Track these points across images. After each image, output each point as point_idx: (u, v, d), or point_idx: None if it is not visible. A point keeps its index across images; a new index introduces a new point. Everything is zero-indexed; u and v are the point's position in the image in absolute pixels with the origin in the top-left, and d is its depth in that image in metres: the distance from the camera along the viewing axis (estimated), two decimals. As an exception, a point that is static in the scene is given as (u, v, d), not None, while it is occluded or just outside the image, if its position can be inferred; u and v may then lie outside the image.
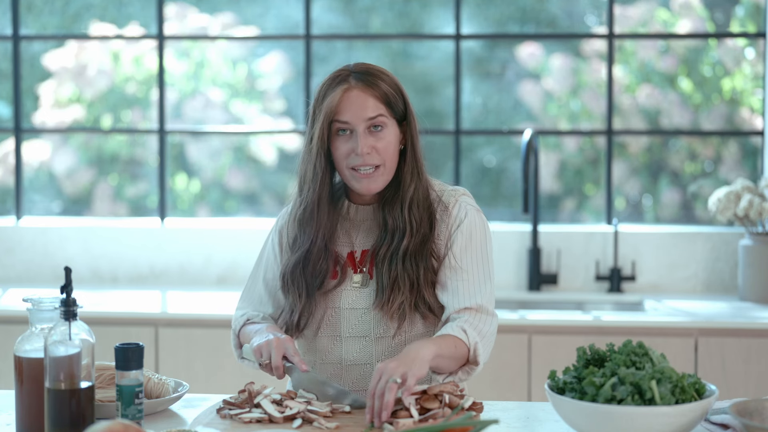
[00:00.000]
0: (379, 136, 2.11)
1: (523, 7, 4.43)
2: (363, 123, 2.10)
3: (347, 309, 2.17)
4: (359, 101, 2.10)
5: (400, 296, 2.12)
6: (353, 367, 2.18)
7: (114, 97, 4.69)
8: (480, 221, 2.18)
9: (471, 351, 2.07)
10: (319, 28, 4.31)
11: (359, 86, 2.11)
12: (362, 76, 2.12)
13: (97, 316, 3.53)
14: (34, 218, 4.35)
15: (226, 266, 4.15)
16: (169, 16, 4.51)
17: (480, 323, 2.10)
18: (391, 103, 2.13)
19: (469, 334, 2.07)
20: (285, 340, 2.07)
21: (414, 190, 2.15)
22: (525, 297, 3.93)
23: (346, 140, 2.12)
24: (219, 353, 3.54)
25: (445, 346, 2.03)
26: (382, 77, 2.13)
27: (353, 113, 2.10)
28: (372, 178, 2.13)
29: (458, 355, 2.06)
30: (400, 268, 2.12)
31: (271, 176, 4.72)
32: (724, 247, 4.00)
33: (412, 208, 2.14)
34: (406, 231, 2.13)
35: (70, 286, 1.81)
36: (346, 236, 2.21)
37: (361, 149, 2.09)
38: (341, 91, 2.11)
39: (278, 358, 2.05)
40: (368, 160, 2.11)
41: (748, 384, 3.39)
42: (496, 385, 3.44)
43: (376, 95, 2.11)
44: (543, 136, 4.40)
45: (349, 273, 2.19)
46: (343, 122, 2.11)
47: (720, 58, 4.42)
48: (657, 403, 1.70)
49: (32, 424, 1.86)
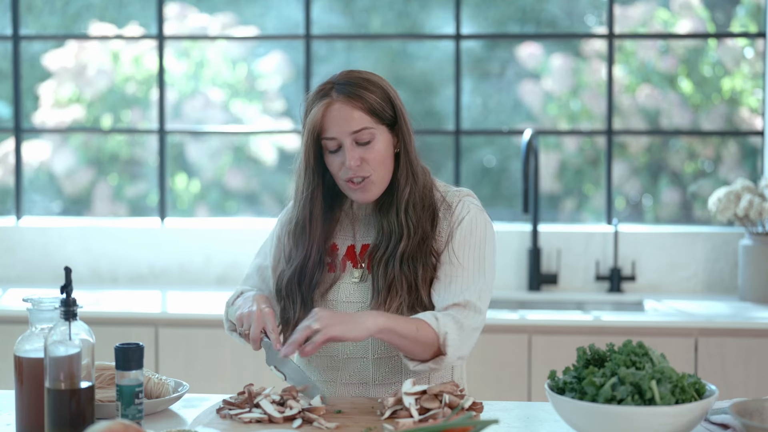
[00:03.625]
0: (367, 148, 2.10)
1: (523, 7, 4.43)
2: (348, 137, 2.09)
3: (344, 302, 2.18)
4: (342, 114, 2.09)
5: (398, 299, 2.11)
6: (349, 360, 2.18)
7: (114, 97, 4.69)
8: (482, 219, 2.17)
9: (441, 339, 2.05)
10: (319, 28, 4.31)
11: (341, 99, 2.09)
12: (345, 88, 2.10)
13: (97, 316, 3.53)
14: (34, 218, 4.35)
15: (226, 266, 4.15)
16: (169, 16, 4.51)
17: (462, 317, 2.08)
18: (376, 112, 2.10)
19: (441, 322, 2.05)
20: (267, 314, 2.07)
21: (409, 193, 2.14)
22: (525, 297, 3.93)
23: (336, 155, 2.12)
24: (219, 353, 3.54)
25: (403, 324, 2.02)
26: (366, 86, 2.11)
27: (338, 128, 2.09)
28: (365, 189, 2.12)
29: (421, 338, 2.04)
30: (397, 270, 2.12)
31: (270, 176, 4.72)
32: (724, 247, 4.00)
33: (408, 211, 2.14)
34: (403, 234, 2.13)
35: (70, 286, 1.81)
36: (348, 230, 2.22)
37: (349, 163, 2.09)
38: (323, 106, 2.10)
39: (257, 330, 2.06)
40: (359, 172, 2.10)
41: (748, 384, 3.39)
42: (496, 385, 3.44)
43: (360, 107, 2.09)
44: (543, 136, 4.40)
45: (348, 267, 2.19)
46: (330, 138, 2.10)
47: (720, 58, 4.42)
48: (657, 403, 1.70)
49: (32, 424, 1.86)
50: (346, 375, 2.18)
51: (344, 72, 2.14)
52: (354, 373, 2.18)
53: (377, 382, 2.17)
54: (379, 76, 2.16)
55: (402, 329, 2.02)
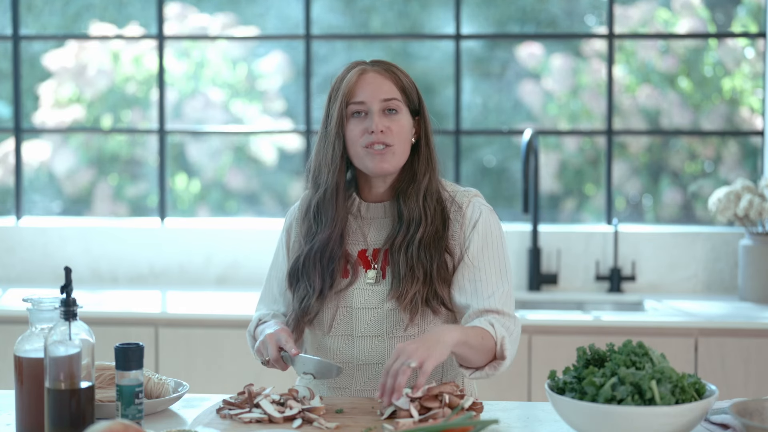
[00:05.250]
0: (393, 118, 2.15)
1: (523, 7, 4.43)
2: (378, 103, 2.14)
3: (359, 308, 2.17)
4: (376, 82, 2.15)
5: (415, 286, 2.12)
6: (365, 366, 2.17)
7: (114, 97, 4.69)
8: (494, 221, 2.19)
9: (498, 344, 2.06)
10: (319, 28, 4.31)
11: (376, 69, 2.17)
12: (380, 64, 2.19)
13: (97, 316, 3.53)
14: (34, 218, 4.35)
15: (226, 266, 4.15)
16: (169, 16, 4.51)
17: (507, 322, 2.11)
18: (406, 91, 2.18)
19: (496, 328, 2.06)
20: (277, 332, 2.08)
21: (429, 181, 2.18)
22: (525, 297, 3.93)
23: (360, 121, 2.15)
24: (219, 353, 3.54)
25: (472, 334, 2.02)
26: (399, 69, 2.20)
27: (369, 93, 2.14)
28: (384, 157, 2.14)
29: (485, 347, 2.04)
30: (416, 256, 2.13)
31: (271, 176, 4.72)
32: (724, 247, 4.00)
33: (427, 199, 2.17)
34: (422, 221, 2.15)
35: (70, 286, 1.81)
36: (358, 234, 2.21)
37: (376, 126, 2.12)
38: (357, 72, 2.16)
39: (274, 351, 2.06)
40: (381, 138, 2.13)
41: (748, 384, 3.39)
42: (496, 385, 3.44)
43: (393, 80, 2.17)
44: (543, 136, 4.40)
45: (360, 271, 2.19)
46: (359, 102, 2.14)
47: (720, 58, 4.42)
48: (657, 403, 1.70)
49: (32, 424, 1.86)
50: (362, 380, 2.18)
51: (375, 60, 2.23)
52: (370, 379, 2.18)
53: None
54: None
55: (472, 339, 2.02)
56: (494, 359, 2.08)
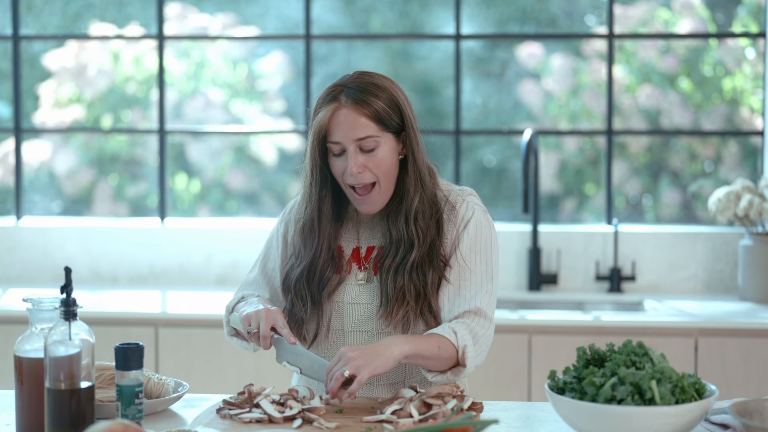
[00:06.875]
0: (370, 155, 2.11)
1: (523, 7, 4.43)
2: (353, 143, 2.10)
3: (350, 304, 2.18)
4: (348, 121, 2.09)
5: (405, 306, 2.12)
6: None
7: (114, 97, 4.69)
8: (486, 221, 2.18)
9: (460, 352, 2.06)
10: (319, 28, 4.31)
11: (349, 104, 2.10)
12: (353, 93, 2.10)
13: (97, 316, 3.53)
14: (34, 218, 4.35)
15: (226, 266, 4.15)
16: (169, 16, 4.51)
17: (476, 325, 2.10)
18: (383, 120, 2.10)
19: (459, 335, 2.06)
20: (275, 312, 2.08)
21: (419, 202, 2.14)
22: (525, 297, 3.93)
23: (339, 159, 2.13)
24: (219, 353, 3.54)
25: (425, 346, 2.03)
26: (376, 93, 2.11)
27: (343, 133, 2.10)
28: (369, 200, 2.13)
29: (443, 356, 2.05)
30: (407, 279, 2.12)
31: (271, 176, 4.72)
32: (724, 247, 4.00)
33: (418, 220, 2.14)
34: (414, 243, 2.13)
35: (70, 286, 1.81)
36: (352, 232, 2.22)
37: (351, 169, 2.09)
38: (331, 110, 2.11)
39: (266, 328, 2.06)
40: (360, 179, 2.11)
41: (748, 384, 3.39)
42: (496, 385, 3.44)
43: (366, 114, 2.09)
44: (543, 136, 4.40)
45: (353, 269, 2.19)
46: (335, 142, 2.11)
47: (721, 58, 4.41)
48: (657, 403, 1.70)
49: (32, 424, 1.86)
50: None
51: (357, 74, 2.14)
52: None
53: (381, 382, 2.17)
54: (391, 80, 2.16)
55: (425, 351, 2.03)
56: (457, 365, 2.09)
